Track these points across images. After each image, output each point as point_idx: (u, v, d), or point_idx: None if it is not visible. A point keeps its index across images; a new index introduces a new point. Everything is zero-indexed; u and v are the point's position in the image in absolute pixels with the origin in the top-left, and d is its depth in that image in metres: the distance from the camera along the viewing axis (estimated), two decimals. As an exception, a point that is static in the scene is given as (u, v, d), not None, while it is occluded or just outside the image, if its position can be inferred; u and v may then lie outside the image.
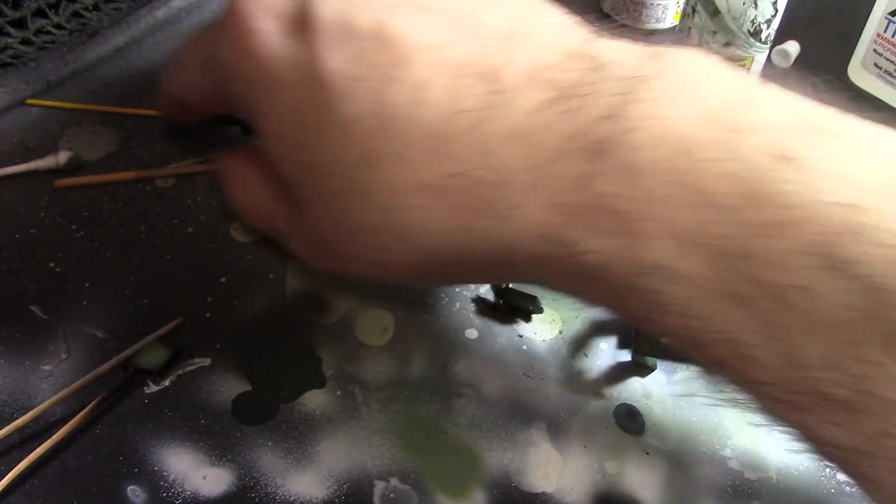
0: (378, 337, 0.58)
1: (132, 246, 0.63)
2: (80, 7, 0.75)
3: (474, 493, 0.51)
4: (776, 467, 0.53)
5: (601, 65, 0.38)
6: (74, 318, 0.58)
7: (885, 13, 0.73)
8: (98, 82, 0.77)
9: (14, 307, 0.59)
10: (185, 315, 0.59)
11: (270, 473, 0.51)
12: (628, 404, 0.55)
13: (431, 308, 0.60)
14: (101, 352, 0.57)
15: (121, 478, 0.51)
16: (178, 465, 0.51)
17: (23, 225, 0.63)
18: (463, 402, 0.55)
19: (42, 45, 0.73)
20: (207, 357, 0.56)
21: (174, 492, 0.50)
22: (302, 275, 0.60)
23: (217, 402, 0.54)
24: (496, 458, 0.52)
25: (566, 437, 0.54)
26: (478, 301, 0.60)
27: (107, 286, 0.60)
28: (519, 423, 0.54)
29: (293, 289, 0.60)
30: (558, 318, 0.60)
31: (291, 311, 0.59)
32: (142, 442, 0.52)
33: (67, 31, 0.75)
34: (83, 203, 0.65)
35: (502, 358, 0.57)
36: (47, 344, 0.57)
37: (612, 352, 0.58)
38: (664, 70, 0.36)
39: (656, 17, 0.81)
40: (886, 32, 0.74)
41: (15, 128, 0.71)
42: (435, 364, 0.57)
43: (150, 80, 0.75)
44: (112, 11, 0.78)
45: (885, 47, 0.76)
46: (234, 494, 0.50)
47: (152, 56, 0.77)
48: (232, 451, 0.52)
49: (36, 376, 0.55)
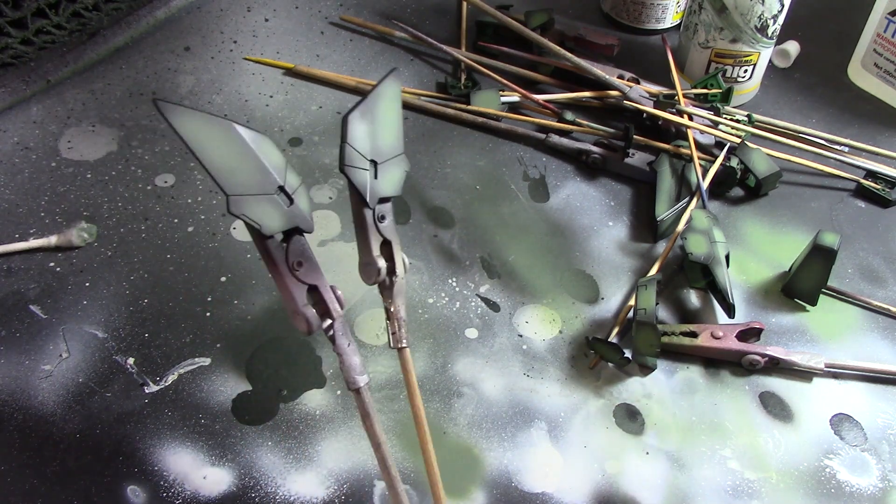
0: (378, 336, 0.58)
1: (132, 246, 0.63)
2: (80, 7, 0.75)
3: (474, 493, 0.51)
4: (776, 467, 0.53)
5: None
6: (74, 318, 0.58)
7: (885, 13, 0.74)
8: (98, 82, 0.77)
9: (14, 307, 0.59)
10: (186, 315, 0.59)
11: (270, 473, 0.51)
12: (628, 404, 0.55)
13: (431, 308, 0.60)
14: (101, 351, 0.57)
15: (121, 478, 0.51)
16: (178, 465, 0.51)
17: (23, 224, 0.64)
18: (463, 402, 0.55)
19: (42, 45, 0.73)
20: (207, 357, 0.56)
21: (174, 492, 0.50)
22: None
23: (217, 402, 0.54)
24: (496, 458, 0.52)
25: (566, 437, 0.54)
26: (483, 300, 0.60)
27: (107, 286, 0.61)
28: (519, 423, 0.54)
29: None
30: (558, 318, 0.60)
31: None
32: (142, 442, 0.52)
33: (67, 31, 0.75)
34: (83, 203, 0.65)
35: (502, 358, 0.57)
36: (47, 344, 0.57)
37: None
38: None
39: (656, 17, 0.81)
40: (886, 32, 0.75)
41: (15, 128, 0.71)
42: (435, 364, 0.57)
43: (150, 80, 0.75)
44: (112, 11, 0.78)
45: (885, 47, 0.76)
46: (234, 494, 0.50)
47: (152, 56, 0.77)
48: (232, 451, 0.52)
49: (36, 376, 0.55)
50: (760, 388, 0.56)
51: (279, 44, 0.79)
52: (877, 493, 0.51)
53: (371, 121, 0.47)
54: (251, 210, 0.42)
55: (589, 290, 0.61)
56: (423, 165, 0.69)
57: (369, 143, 0.47)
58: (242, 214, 0.41)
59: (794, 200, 0.68)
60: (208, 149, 0.41)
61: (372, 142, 0.48)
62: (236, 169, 0.42)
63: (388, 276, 0.48)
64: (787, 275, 0.62)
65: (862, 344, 0.59)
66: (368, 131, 0.47)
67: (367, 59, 0.78)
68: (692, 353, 0.57)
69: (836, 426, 0.54)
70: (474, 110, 0.72)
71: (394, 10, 0.83)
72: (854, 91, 0.77)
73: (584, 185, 0.68)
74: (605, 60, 0.76)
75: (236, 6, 0.82)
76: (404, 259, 0.49)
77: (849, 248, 0.64)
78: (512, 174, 0.69)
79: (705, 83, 0.72)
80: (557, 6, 0.83)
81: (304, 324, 0.44)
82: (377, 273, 0.48)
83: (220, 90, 0.74)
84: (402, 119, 0.49)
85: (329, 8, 0.83)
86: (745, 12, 0.68)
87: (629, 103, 0.70)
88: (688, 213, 0.63)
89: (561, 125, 0.71)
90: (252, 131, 0.43)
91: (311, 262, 0.45)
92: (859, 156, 0.69)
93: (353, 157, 0.47)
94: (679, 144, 0.69)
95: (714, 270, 0.58)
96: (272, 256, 0.44)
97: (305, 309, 0.44)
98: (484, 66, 0.75)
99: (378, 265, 0.48)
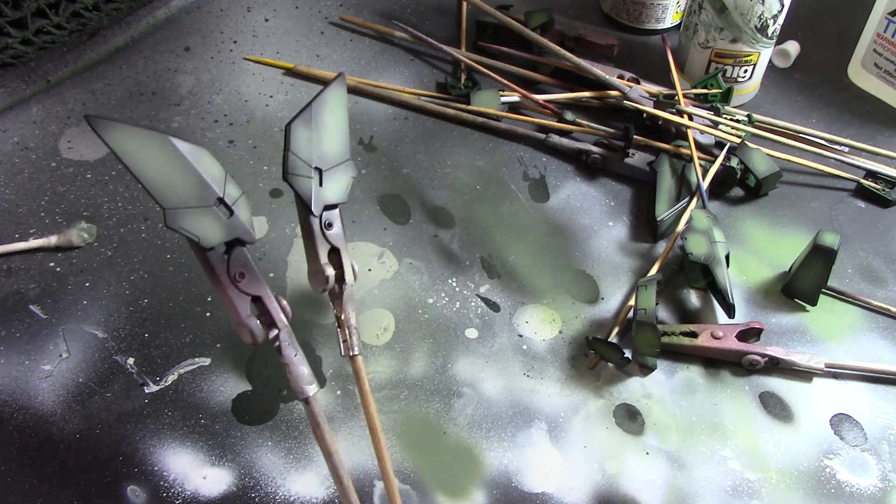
0: (378, 336, 0.58)
1: (132, 246, 0.63)
2: (80, 7, 0.75)
3: (474, 493, 0.51)
4: (776, 467, 0.53)
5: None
6: (74, 318, 0.58)
7: (885, 13, 0.74)
8: (98, 82, 0.77)
9: (14, 307, 0.59)
10: (186, 315, 0.59)
11: (270, 473, 0.51)
12: (628, 404, 0.55)
13: (431, 308, 0.60)
14: (101, 352, 0.57)
15: (121, 478, 0.51)
16: (178, 465, 0.51)
17: (23, 224, 0.63)
18: (463, 402, 0.55)
19: (42, 45, 0.73)
20: (207, 357, 0.56)
21: (174, 492, 0.50)
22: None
23: (217, 402, 0.54)
24: (496, 458, 0.52)
25: (566, 437, 0.54)
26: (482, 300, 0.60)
27: (107, 286, 0.61)
28: (519, 423, 0.54)
29: (293, 288, 0.60)
30: (558, 318, 0.60)
31: (291, 310, 0.59)
32: (142, 442, 0.52)
33: (67, 31, 0.75)
34: (83, 203, 0.65)
35: (502, 358, 0.57)
36: (47, 344, 0.57)
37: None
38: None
39: (656, 17, 0.81)
40: (886, 32, 0.75)
41: (15, 128, 0.71)
42: (435, 364, 0.57)
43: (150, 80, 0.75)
44: (112, 11, 0.78)
45: (885, 47, 0.76)
46: (234, 494, 0.50)
47: (152, 56, 0.77)
48: (232, 451, 0.52)
49: (36, 376, 0.55)
50: (760, 388, 0.56)
51: (279, 44, 0.79)
52: (877, 493, 0.51)
53: (316, 128, 0.47)
54: (189, 223, 0.42)
55: (589, 290, 0.61)
56: (423, 165, 0.69)
57: (314, 150, 0.47)
58: (180, 227, 0.41)
59: (794, 200, 0.68)
60: (143, 163, 0.41)
61: (317, 149, 0.48)
62: (173, 182, 0.42)
63: (336, 284, 0.48)
64: (787, 275, 0.62)
65: (862, 344, 0.59)
66: (313, 138, 0.47)
67: (367, 59, 0.78)
68: (692, 353, 0.57)
69: (836, 426, 0.54)
70: (474, 110, 0.72)
71: (394, 10, 0.83)
72: (854, 91, 0.77)
73: (584, 185, 0.68)
74: (605, 60, 0.76)
75: (236, 6, 0.82)
76: (354, 266, 0.49)
77: (849, 248, 0.64)
78: (512, 174, 0.69)
79: (705, 83, 0.72)
80: (557, 6, 0.83)
81: (248, 335, 0.45)
82: (325, 281, 0.48)
83: (220, 90, 0.74)
84: (347, 125, 0.49)
85: (329, 8, 0.83)
86: (745, 12, 0.68)
87: (629, 103, 0.70)
88: (688, 213, 0.63)
89: (561, 125, 0.71)
90: (190, 144, 0.42)
91: (253, 273, 0.45)
92: (859, 156, 0.69)
93: (297, 165, 0.47)
94: (679, 144, 0.69)
95: (714, 270, 0.58)
96: (213, 268, 0.44)
97: (249, 320, 0.44)
98: (484, 66, 0.75)
99: (326, 273, 0.48)
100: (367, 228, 0.64)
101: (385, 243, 0.63)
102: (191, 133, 0.70)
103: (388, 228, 0.64)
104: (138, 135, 0.41)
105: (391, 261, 0.62)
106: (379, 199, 0.66)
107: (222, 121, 0.71)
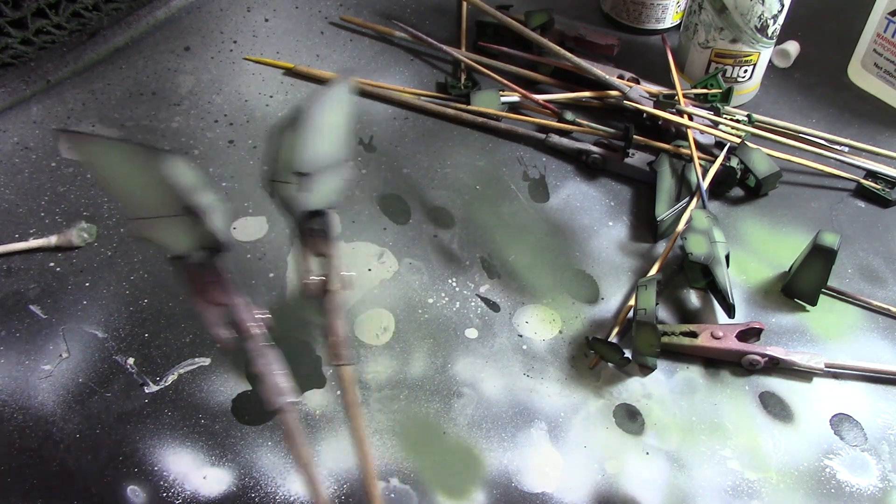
0: (378, 336, 0.58)
1: (132, 246, 0.63)
2: (80, 7, 0.75)
3: (474, 493, 0.51)
4: (776, 467, 0.53)
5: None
6: (74, 318, 0.58)
7: (885, 13, 0.73)
8: (98, 82, 0.77)
9: (14, 307, 0.59)
10: (186, 315, 0.59)
11: (270, 473, 0.51)
12: (628, 404, 0.55)
13: (431, 308, 0.60)
14: (101, 351, 0.57)
15: (121, 478, 0.51)
16: (178, 465, 0.51)
17: (23, 224, 0.63)
18: (463, 402, 0.55)
19: (42, 45, 0.74)
20: (207, 357, 0.56)
21: (174, 492, 0.50)
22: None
23: (217, 402, 0.54)
24: (496, 458, 0.52)
25: (566, 437, 0.54)
26: (478, 301, 0.60)
27: (107, 286, 0.61)
28: (519, 423, 0.54)
29: (293, 288, 0.60)
30: (558, 318, 0.60)
31: (291, 310, 0.59)
32: (142, 442, 0.52)
33: (67, 31, 0.75)
34: (83, 203, 0.65)
35: (502, 358, 0.57)
36: (47, 344, 0.57)
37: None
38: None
39: (656, 17, 0.81)
40: (886, 32, 0.74)
41: (15, 128, 0.71)
42: (435, 364, 0.57)
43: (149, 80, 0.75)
44: (112, 11, 0.78)
45: (885, 47, 0.76)
46: (234, 494, 0.50)
47: (152, 56, 0.77)
48: (232, 451, 0.52)
49: (36, 376, 0.55)
50: (760, 388, 0.56)
51: (279, 44, 0.79)
52: (877, 493, 0.51)
53: (304, 131, 0.46)
54: (155, 232, 0.41)
55: (589, 290, 0.61)
56: (423, 165, 0.69)
57: (299, 154, 0.46)
58: (142, 236, 0.41)
59: (794, 200, 0.68)
60: (112, 173, 0.41)
61: (303, 153, 0.46)
62: (142, 192, 0.41)
63: (323, 291, 0.48)
64: (787, 275, 0.62)
65: (862, 344, 0.58)
66: (301, 143, 0.46)
67: (367, 59, 0.78)
68: (692, 353, 0.57)
69: (836, 426, 0.54)
70: (474, 110, 0.72)
71: (394, 10, 0.83)
72: (854, 91, 0.77)
73: (584, 185, 0.68)
74: (605, 60, 0.76)
75: (236, 6, 0.82)
76: (344, 274, 0.48)
77: (849, 248, 0.64)
78: (512, 174, 0.69)
79: (705, 83, 0.72)
80: (557, 6, 0.83)
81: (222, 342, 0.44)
82: (307, 288, 0.47)
83: (220, 90, 0.74)
84: (346, 127, 0.48)
85: (329, 8, 0.83)
86: (745, 12, 0.68)
87: (629, 103, 0.70)
88: (688, 213, 0.63)
89: (561, 125, 0.71)
90: (162, 153, 0.42)
91: (224, 282, 0.44)
92: (859, 156, 0.69)
93: (280, 170, 0.46)
94: (679, 144, 0.69)
95: (714, 270, 0.58)
96: (185, 276, 0.43)
97: (219, 329, 0.44)
98: (484, 66, 0.75)
99: (307, 280, 0.47)
100: (367, 228, 0.64)
101: (385, 243, 0.63)
102: (191, 133, 0.70)
103: (388, 228, 0.64)
104: (108, 145, 0.40)
105: (391, 261, 0.62)
106: (379, 199, 0.66)
107: (222, 121, 0.71)
